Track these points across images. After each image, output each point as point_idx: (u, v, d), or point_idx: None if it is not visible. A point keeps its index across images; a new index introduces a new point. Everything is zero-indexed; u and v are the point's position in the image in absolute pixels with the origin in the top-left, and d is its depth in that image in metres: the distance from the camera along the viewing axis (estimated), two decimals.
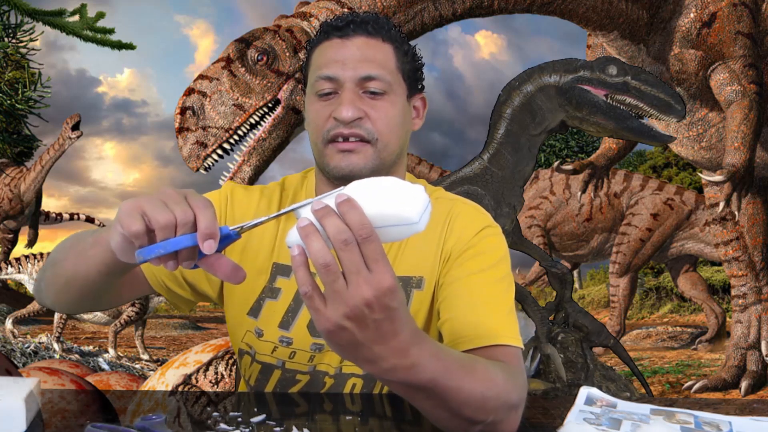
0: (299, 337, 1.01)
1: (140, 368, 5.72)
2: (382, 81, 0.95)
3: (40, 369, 2.78)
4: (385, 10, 2.78)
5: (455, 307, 0.93)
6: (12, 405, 0.76)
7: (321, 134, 0.96)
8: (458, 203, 1.05)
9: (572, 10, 3.37)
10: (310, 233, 0.62)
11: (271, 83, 2.58)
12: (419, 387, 0.71)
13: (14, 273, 6.46)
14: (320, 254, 0.61)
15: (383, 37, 0.97)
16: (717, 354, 6.49)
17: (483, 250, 0.98)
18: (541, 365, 2.72)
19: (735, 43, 3.89)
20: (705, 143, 4.45)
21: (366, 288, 0.62)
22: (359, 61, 0.94)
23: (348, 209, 0.62)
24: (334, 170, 0.96)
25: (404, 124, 1.00)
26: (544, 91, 2.55)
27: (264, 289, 1.02)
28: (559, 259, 7.21)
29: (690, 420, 0.85)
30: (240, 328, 1.04)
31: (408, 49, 1.00)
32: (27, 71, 4.27)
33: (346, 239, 0.61)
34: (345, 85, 0.94)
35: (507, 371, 0.82)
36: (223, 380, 2.63)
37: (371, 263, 0.62)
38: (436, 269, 0.99)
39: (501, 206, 2.56)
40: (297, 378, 1.02)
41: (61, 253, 0.90)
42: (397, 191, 0.64)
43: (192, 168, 2.56)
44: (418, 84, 1.03)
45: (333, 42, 0.97)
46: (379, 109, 0.95)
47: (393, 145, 0.97)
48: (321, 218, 0.62)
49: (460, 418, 0.75)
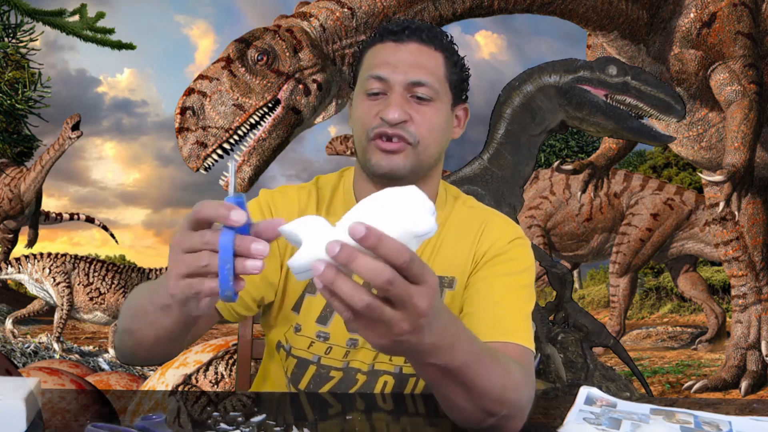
0: (336, 332, 1.03)
1: (140, 368, 5.72)
2: (430, 88, 0.98)
3: (40, 369, 2.78)
4: (385, 10, 2.78)
5: (476, 303, 0.98)
6: (12, 405, 0.76)
7: (366, 131, 0.99)
8: (492, 214, 1.10)
9: (572, 10, 3.37)
10: (335, 279, 0.56)
11: (271, 83, 2.58)
12: (453, 370, 0.71)
13: (14, 273, 6.45)
14: (356, 297, 0.57)
15: (435, 46, 1.00)
16: (717, 354, 6.49)
17: (512, 257, 1.03)
18: (541, 365, 2.72)
19: (735, 43, 3.89)
20: (705, 143, 4.45)
21: (421, 300, 0.59)
22: (410, 66, 0.98)
23: (376, 241, 0.55)
24: (375, 167, 0.99)
25: (446, 132, 1.03)
26: (544, 91, 2.55)
27: (307, 284, 1.04)
28: (559, 259, 7.21)
29: (690, 420, 0.85)
30: (285, 323, 1.06)
31: (458, 60, 1.04)
32: (27, 71, 4.27)
33: (389, 279, 0.56)
34: (394, 87, 0.98)
35: (522, 369, 0.83)
36: (223, 380, 2.63)
37: (417, 279, 0.59)
38: (468, 271, 1.03)
39: (501, 206, 2.56)
40: (331, 375, 1.04)
41: (133, 324, 0.86)
42: (405, 205, 0.59)
43: (192, 168, 2.56)
44: (462, 94, 1.06)
45: (387, 45, 1.00)
46: (424, 114, 0.98)
47: (432, 150, 1.00)
48: (348, 264, 0.55)
49: (478, 408, 0.76)
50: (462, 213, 1.09)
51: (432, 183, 1.06)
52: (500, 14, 3.15)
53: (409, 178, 0.98)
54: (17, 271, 6.44)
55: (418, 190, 0.60)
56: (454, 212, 1.08)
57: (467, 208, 1.10)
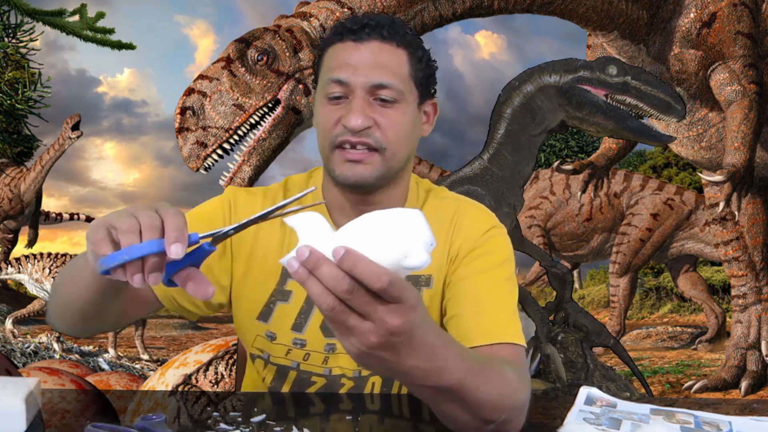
0: (312, 338, 1.00)
1: (140, 368, 5.72)
2: (394, 89, 0.93)
3: (40, 369, 2.78)
4: (384, 10, 2.78)
5: (461, 305, 0.94)
6: (12, 405, 0.76)
7: (329, 139, 0.94)
8: (464, 203, 1.05)
9: (572, 10, 3.37)
10: (306, 279, 0.57)
11: (271, 83, 2.58)
12: (446, 389, 0.69)
13: (14, 273, 6.45)
14: (322, 298, 0.57)
15: (398, 42, 0.95)
16: (717, 354, 6.49)
17: (489, 250, 0.99)
18: (541, 365, 2.72)
19: (735, 43, 3.89)
20: (705, 143, 4.45)
21: (392, 318, 0.58)
22: (372, 68, 0.92)
23: (351, 266, 0.55)
24: (340, 177, 0.94)
25: (414, 133, 0.98)
26: (544, 91, 2.55)
27: (273, 292, 1.01)
28: (559, 259, 7.20)
29: (690, 420, 0.85)
30: (249, 333, 1.03)
31: (422, 54, 0.98)
32: (27, 71, 4.27)
33: (347, 289, 0.56)
34: (356, 91, 0.92)
35: (517, 371, 0.82)
36: (223, 380, 2.62)
37: (395, 301, 0.57)
38: (444, 267, 1.00)
39: (501, 206, 2.56)
40: (312, 380, 1.02)
41: (60, 279, 0.89)
42: (402, 235, 0.57)
43: (192, 168, 2.56)
44: (430, 89, 1.01)
45: (346, 44, 0.94)
46: (389, 118, 0.93)
47: (401, 154, 0.96)
48: (312, 271, 0.56)
49: (476, 418, 0.75)
50: (433, 206, 1.04)
51: (401, 184, 1.02)
52: (500, 14, 3.15)
53: (378, 185, 0.95)
54: (17, 271, 6.44)
55: (422, 217, 0.59)
56: (426, 207, 1.04)
57: (438, 200, 1.06)
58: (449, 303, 0.97)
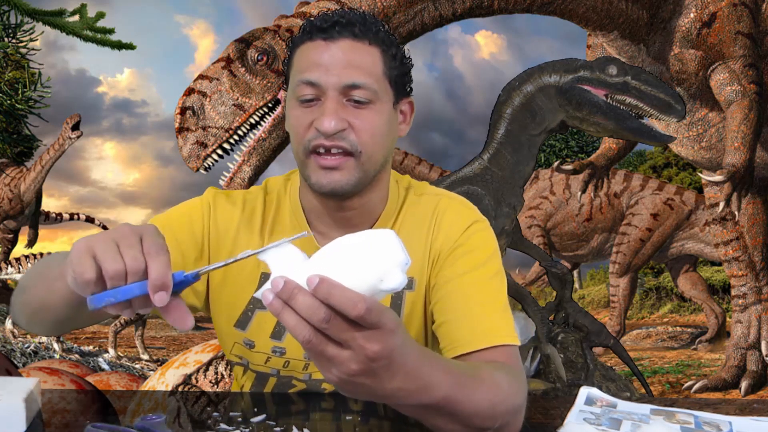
0: (292, 346, 0.99)
1: (140, 368, 5.72)
2: (368, 89, 0.88)
3: (40, 369, 2.78)
4: (385, 10, 2.78)
5: (450, 310, 0.92)
6: (12, 405, 0.76)
7: (302, 143, 0.90)
8: (444, 199, 1.02)
9: (572, 10, 3.37)
10: (281, 311, 0.56)
11: (271, 83, 2.58)
12: (432, 406, 0.69)
13: (14, 273, 6.46)
14: (298, 330, 0.56)
15: (370, 40, 0.90)
16: (717, 354, 6.49)
17: (472, 247, 0.96)
18: (541, 365, 2.72)
19: (735, 43, 3.90)
20: (705, 143, 4.45)
21: (371, 344, 0.57)
22: (344, 67, 0.88)
23: (326, 294, 0.55)
24: (315, 186, 0.91)
25: (390, 133, 0.94)
26: (544, 91, 2.55)
27: (251, 300, 0.99)
28: (559, 259, 7.20)
29: (690, 420, 0.85)
30: (228, 340, 1.02)
31: (396, 51, 0.94)
32: (27, 71, 4.26)
33: (323, 318, 0.55)
34: (328, 92, 0.88)
35: (510, 374, 0.81)
36: (223, 380, 2.62)
37: (373, 327, 0.57)
38: (426, 269, 0.98)
39: (501, 206, 2.56)
40: (293, 383, 1.02)
41: (30, 281, 0.85)
42: (375, 257, 0.57)
43: (192, 168, 2.56)
44: (406, 88, 0.97)
45: (317, 43, 0.90)
46: (364, 119, 0.89)
47: (377, 156, 0.92)
48: (288, 301, 0.56)
49: (469, 428, 0.74)
50: (413, 204, 1.01)
51: (380, 187, 0.98)
52: (500, 14, 3.15)
53: (355, 191, 0.92)
54: (17, 271, 6.45)
55: (395, 237, 0.58)
56: (405, 205, 1.01)
57: (417, 197, 1.02)
58: (436, 308, 0.95)
